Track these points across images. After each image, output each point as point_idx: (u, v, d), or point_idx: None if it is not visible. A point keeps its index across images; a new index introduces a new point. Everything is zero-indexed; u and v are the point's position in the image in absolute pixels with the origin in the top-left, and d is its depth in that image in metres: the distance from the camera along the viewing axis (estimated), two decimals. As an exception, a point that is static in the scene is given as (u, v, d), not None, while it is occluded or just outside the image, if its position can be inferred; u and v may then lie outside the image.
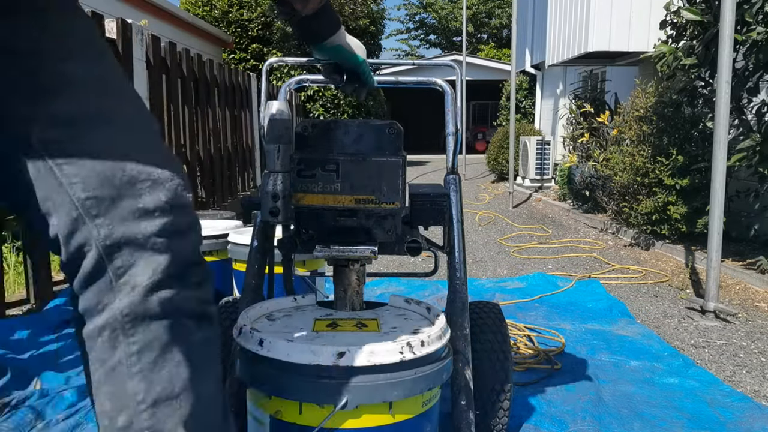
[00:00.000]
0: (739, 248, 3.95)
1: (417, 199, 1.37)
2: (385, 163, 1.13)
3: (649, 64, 4.35)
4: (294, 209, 1.17)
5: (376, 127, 1.16)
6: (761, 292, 3.15)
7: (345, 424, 0.97)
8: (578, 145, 6.25)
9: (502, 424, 1.48)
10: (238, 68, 9.99)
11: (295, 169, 1.14)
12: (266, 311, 1.22)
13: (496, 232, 5.33)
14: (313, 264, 2.10)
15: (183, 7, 11.54)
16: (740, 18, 3.18)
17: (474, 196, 7.95)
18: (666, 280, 3.54)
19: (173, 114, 4.33)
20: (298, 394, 0.97)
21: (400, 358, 0.97)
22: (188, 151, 4.61)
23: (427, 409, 1.05)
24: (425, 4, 25.70)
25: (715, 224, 2.78)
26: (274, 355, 0.98)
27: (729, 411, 1.77)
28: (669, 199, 4.20)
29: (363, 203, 1.14)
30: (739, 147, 3.41)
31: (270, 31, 11.67)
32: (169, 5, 8.52)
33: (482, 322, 1.53)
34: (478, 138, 19.77)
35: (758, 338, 2.51)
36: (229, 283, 2.29)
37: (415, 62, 1.96)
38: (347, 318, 1.17)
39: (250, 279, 1.47)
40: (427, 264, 3.94)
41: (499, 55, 19.15)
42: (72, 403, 1.70)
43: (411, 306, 1.25)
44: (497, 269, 3.88)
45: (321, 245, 1.17)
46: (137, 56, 3.65)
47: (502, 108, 11.25)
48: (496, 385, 1.45)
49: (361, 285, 1.22)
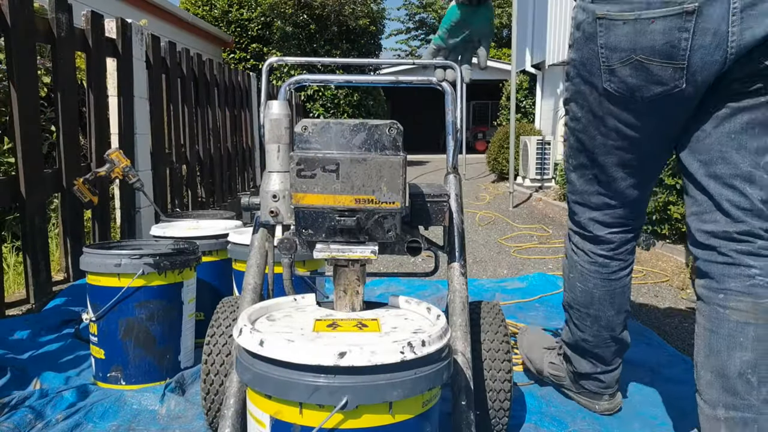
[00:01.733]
0: (740, 248, 3.95)
1: (417, 199, 1.37)
2: (386, 163, 1.13)
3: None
4: (294, 209, 1.17)
5: (376, 126, 1.16)
6: (761, 292, 3.15)
7: (345, 424, 0.97)
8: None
9: (502, 424, 1.48)
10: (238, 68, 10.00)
11: (295, 169, 1.14)
12: (266, 311, 1.22)
13: (497, 232, 5.33)
14: (313, 264, 2.10)
15: (183, 6, 11.55)
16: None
17: (474, 196, 7.95)
18: (666, 279, 3.53)
19: (173, 114, 4.33)
20: (299, 395, 0.96)
21: (401, 358, 0.97)
22: (188, 151, 4.61)
23: (427, 410, 1.05)
24: (425, 4, 25.70)
25: (715, 224, 2.77)
26: (274, 355, 0.98)
27: (729, 411, 1.77)
28: (669, 199, 4.20)
29: (363, 203, 1.14)
30: (740, 147, 3.41)
31: (270, 30, 11.67)
32: (169, 5, 8.53)
33: (482, 322, 1.53)
34: (478, 138, 19.78)
35: (758, 338, 2.51)
36: (229, 283, 2.29)
37: (415, 62, 1.96)
38: (347, 318, 1.17)
39: (250, 279, 1.47)
40: (427, 264, 3.94)
41: (499, 54, 19.14)
42: (72, 403, 1.71)
43: (411, 306, 1.25)
44: (497, 269, 3.88)
45: (321, 245, 1.17)
46: (137, 56, 3.66)
47: (502, 108, 11.25)
48: (496, 385, 1.45)
49: (361, 285, 1.22)
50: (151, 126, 3.89)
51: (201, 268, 2.18)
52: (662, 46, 1.11)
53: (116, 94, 3.45)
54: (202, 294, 2.17)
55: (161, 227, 2.40)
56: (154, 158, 3.88)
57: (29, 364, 2.00)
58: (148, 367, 1.90)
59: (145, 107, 3.80)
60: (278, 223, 1.40)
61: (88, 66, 3.20)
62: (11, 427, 1.55)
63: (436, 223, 1.39)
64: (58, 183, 2.87)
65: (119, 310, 1.86)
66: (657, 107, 1.20)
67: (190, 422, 1.66)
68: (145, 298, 1.88)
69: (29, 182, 2.59)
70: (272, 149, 1.38)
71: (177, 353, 1.97)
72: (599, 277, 1.49)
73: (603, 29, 1.18)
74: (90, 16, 3.15)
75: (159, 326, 1.90)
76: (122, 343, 1.87)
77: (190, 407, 1.73)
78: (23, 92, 2.58)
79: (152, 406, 1.74)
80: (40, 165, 2.70)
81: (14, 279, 2.99)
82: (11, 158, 3.15)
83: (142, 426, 1.65)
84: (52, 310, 2.45)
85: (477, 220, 5.96)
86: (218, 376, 1.47)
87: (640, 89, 1.18)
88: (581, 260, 1.52)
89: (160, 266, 1.88)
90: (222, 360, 1.47)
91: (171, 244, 2.06)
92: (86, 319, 1.90)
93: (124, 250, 1.95)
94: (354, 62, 1.86)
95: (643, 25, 1.12)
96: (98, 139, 3.23)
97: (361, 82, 1.93)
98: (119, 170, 2.74)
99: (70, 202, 2.90)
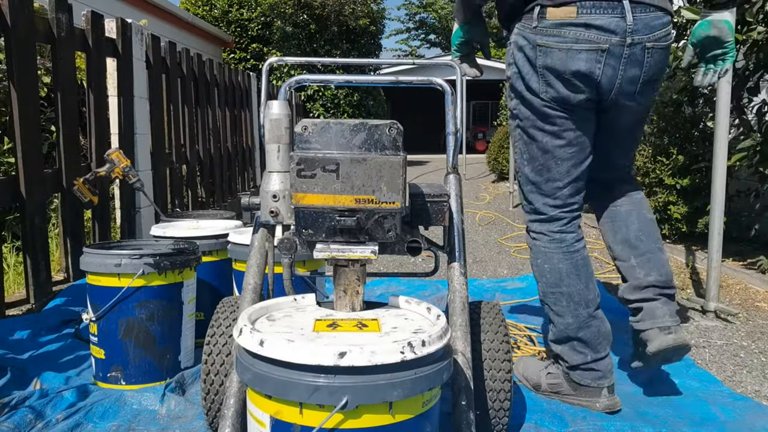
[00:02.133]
0: (740, 248, 3.95)
1: (417, 199, 1.37)
2: (386, 163, 1.13)
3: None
4: (294, 209, 1.17)
5: (376, 126, 1.16)
6: (762, 292, 3.15)
7: (345, 424, 0.97)
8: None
9: (502, 425, 1.48)
10: (238, 68, 10.00)
11: (295, 169, 1.14)
12: (266, 311, 1.22)
13: (496, 232, 5.33)
14: (313, 264, 2.10)
15: (183, 6, 11.54)
16: (740, 18, 3.18)
17: (474, 196, 7.94)
18: (666, 279, 3.53)
19: (173, 114, 4.33)
20: (299, 395, 0.96)
21: (401, 358, 0.97)
22: (188, 151, 4.61)
23: (427, 410, 1.05)
24: (425, 4, 25.71)
25: (715, 224, 2.78)
26: (274, 355, 0.98)
27: (730, 410, 1.77)
28: (669, 199, 4.20)
29: (363, 203, 1.14)
30: (740, 147, 3.41)
31: (270, 30, 11.67)
32: (169, 5, 8.53)
33: (482, 322, 1.53)
34: (478, 138, 19.78)
35: (759, 338, 2.51)
36: (229, 283, 2.29)
37: (415, 62, 1.97)
38: (347, 318, 1.17)
39: (250, 279, 1.47)
40: (427, 264, 3.94)
41: (499, 54, 19.14)
42: (72, 403, 1.70)
43: (411, 306, 1.25)
44: (497, 269, 3.88)
45: (321, 245, 1.17)
46: (137, 56, 3.66)
47: (502, 108, 11.25)
48: (496, 385, 1.45)
49: (361, 285, 1.22)
50: (151, 126, 3.89)
51: (201, 268, 2.18)
52: (587, 70, 1.59)
53: (116, 94, 3.46)
54: (202, 294, 2.17)
55: (161, 227, 2.40)
56: (154, 158, 3.88)
57: (29, 364, 2.00)
58: (148, 367, 1.90)
59: (145, 107, 3.80)
60: (278, 223, 1.40)
61: (88, 66, 3.20)
62: (11, 427, 1.55)
63: (436, 223, 1.39)
64: (58, 183, 2.87)
65: (119, 310, 1.86)
66: (580, 109, 1.67)
67: (190, 422, 1.66)
68: (145, 298, 1.88)
69: (29, 182, 2.59)
70: (272, 149, 1.38)
71: (177, 353, 1.97)
72: (560, 252, 1.77)
73: (542, 54, 1.62)
74: (90, 16, 3.16)
75: (159, 326, 1.90)
76: (122, 343, 1.87)
77: (190, 407, 1.73)
78: (23, 92, 2.58)
79: (152, 406, 1.74)
80: (40, 165, 2.70)
81: (14, 279, 2.99)
82: (11, 158, 3.15)
83: (142, 426, 1.65)
84: (52, 310, 2.45)
85: (477, 220, 5.96)
86: (218, 376, 1.47)
87: (569, 96, 1.64)
88: (542, 242, 1.80)
89: (160, 266, 1.88)
90: (222, 360, 1.47)
91: (171, 244, 2.06)
92: (86, 319, 1.90)
93: (124, 250, 1.95)
94: (354, 62, 1.86)
95: (572, 54, 1.58)
96: (98, 139, 3.23)
97: (361, 82, 1.93)
98: (119, 170, 2.74)
99: (70, 202, 2.90)
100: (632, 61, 1.60)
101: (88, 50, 3.17)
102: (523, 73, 1.67)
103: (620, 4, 1.55)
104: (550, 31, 1.58)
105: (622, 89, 1.64)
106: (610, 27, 1.55)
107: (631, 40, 1.57)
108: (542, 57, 1.61)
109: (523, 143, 1.77)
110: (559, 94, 1.63)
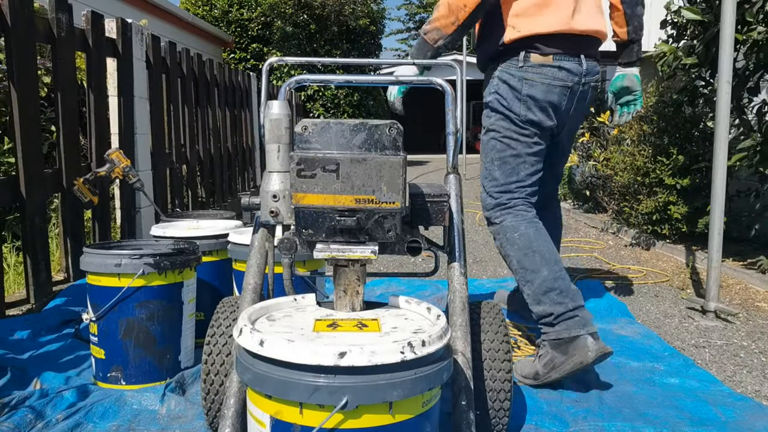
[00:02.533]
0: (740, 248, 3.95)
1: (417, 199, 1.37)
2: (386, 163, 1.13)
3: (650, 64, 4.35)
4: (294, 209, 1.17)
5: (376, 126, 1.16)
6: (762, 292, 3.15)
7: (345, 424, 0.97)
8: (578, 144, 6.25)
9: (502, 425, 1.48)
10: (238, 68, 10.00)
11: (295, 169, 1.14)
12: (266, 311, 1.22)
13: (497, 232, 5.32)
14: (313, 264, 2.10)
15: (183, 6, 11.54)
16: (741, 17, 3.18)
17: (474, 196, 7.94)
18: (666, 280, 3.54)
19: (173, 114, 4.33)
20: (299, 395, 0.96)
21: (401, 358, 0.97)
22: (188, 151, 4.61)
23: (427, 410, 1.05)
24: (425, 4, 25.73)
25: (715, 224, 2.78)
26: (274, 355, 0.98)
27: (730, 410, 1.77)
28: (670, 199, 4.20)
29: (363, 203, 1.14)
30: (740, 147, 3.41)
31: (270, 30, 11.67)
32: (169, 5, 8.52)
33: (482, 322, 1.53)
34: (478, 138, 19.75)
35: (759, 338, 2.51)
36: (229, 283, 2.29)
37: (415, 62, 1.97)
38: (347, 318, 1.17)
39: (250, 279, 1.47)
40: (427, 264, 3.94)
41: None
42: (72, 403, 1.70)
43: (411, 306, 1.25)
44: (497, 269, 3.88)
45: (321, 245, 1.17)
46: (137, 56, 3.66)
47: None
48: (496, 385, 1.45)
49: (361, 285, 1.22)
50: (151, 126, 3.89)
51: (201, 268, 2.18)
52: (557, 101, 2.06)
53: (116, 94, 3.46)
54: (202, 294, 2.17)
55: (161, 227, 2.40)
56: (154, 158, 3.88)
57: (29, 364, 2.00)
58: (148, 367, 1.90)
59: (145, 107, 3.80)
60: (278, 223, 1.40)
61: (88, 66, 3.20)
62: (11, 427, 1.55)
63: (436, 223, 1.39)
64: (58, 183, 2.87)
65: (119, 310, 1.86)
66: (545, 132, 2.11)
67: (190, 422, 1.66)
68: (145, 298, 1.88)
69: (29, 182, 2.59)
70: (272, 149, 1.38)
71: (177, 353, 1.97)
72: (526, 220, 2.07)
73: (527, 86, 2.04)
74: (90, 16, 3.16)
75: (159, 326, 1.90)
76: (122, 343, 1.87)
77: (190, 407, 1.73)
78: (23, 92, 2.58)
79: (152, 406, 1.74)
80: (40, 165, 2.70)
81: (14, 279, 2.99)
82: (11, 158, 3.15)
83: (142, 426, 1.65)
84: (52, 310, 2.45)
85: (477, 220, 5.96)
86: (218, 376, 1.47)
87: (542, 120, 2.07)
88: (507, 220, 2.09)
89: (160, 266, 1.88)
90: (222, 360, 1.47)
91: (171, 244, 2.06)
92: (86, 319, 1.90)
93: (124, 250, 1.95)
94: (354, 62, 1.86)
95: (550, 88, 2.03)
96: (98, 139, 3.23)
97: (361, 82, 1.93)
98: (119, 170, 2.74)
99: (70, 202, 2.90)
100: (582, 97, 2.10)
101: (88, 50, 3.17)
102: (506, 99, 2.07)
103: (578, 57, 2.05)
104: (535, 69, 2.03)
105: (571, 117, 2.13)
106: (573, 70, 2.04)
107: (584, 81, 2.07)
108: (527, 88, 2.03)
109: (496, 151, 2.13)
110: (536, 118, 2.05)
